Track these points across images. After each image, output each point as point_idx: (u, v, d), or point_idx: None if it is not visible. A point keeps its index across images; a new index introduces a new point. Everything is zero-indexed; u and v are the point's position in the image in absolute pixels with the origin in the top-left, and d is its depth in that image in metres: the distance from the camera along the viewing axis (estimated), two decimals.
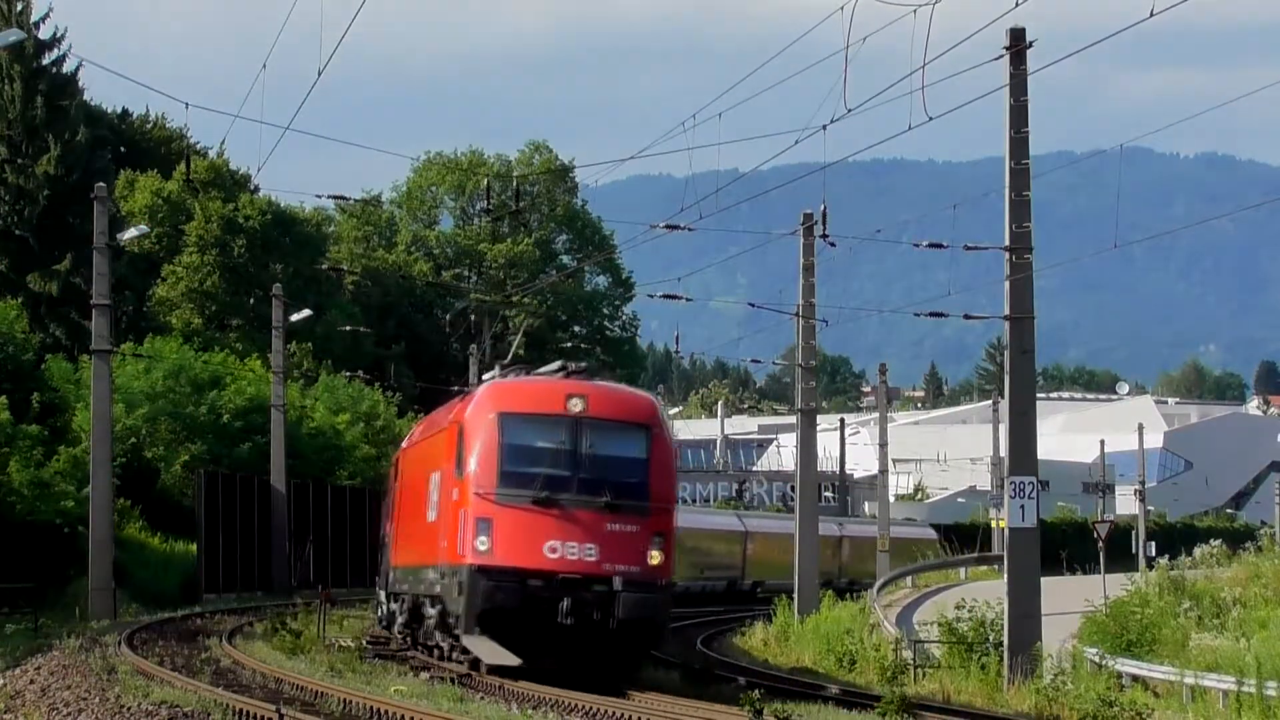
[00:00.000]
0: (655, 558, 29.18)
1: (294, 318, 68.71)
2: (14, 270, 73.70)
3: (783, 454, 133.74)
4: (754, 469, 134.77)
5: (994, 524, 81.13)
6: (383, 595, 44.49)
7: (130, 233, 55.16)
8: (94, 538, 46.80)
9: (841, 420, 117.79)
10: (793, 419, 56.05)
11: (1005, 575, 35.52)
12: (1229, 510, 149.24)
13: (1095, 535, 54.44)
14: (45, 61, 77.31)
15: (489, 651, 29.10)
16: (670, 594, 29.96)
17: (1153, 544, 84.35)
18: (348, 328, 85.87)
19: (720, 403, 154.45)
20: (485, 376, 34.94)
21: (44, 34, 77.16)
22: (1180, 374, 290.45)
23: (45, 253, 73.95)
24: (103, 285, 47.66)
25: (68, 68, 78.23)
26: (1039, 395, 39.64)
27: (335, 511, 70.09)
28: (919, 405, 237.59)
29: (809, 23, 31.95)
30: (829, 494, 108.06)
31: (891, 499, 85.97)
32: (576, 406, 29.54)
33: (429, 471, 33.30)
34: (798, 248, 51.87)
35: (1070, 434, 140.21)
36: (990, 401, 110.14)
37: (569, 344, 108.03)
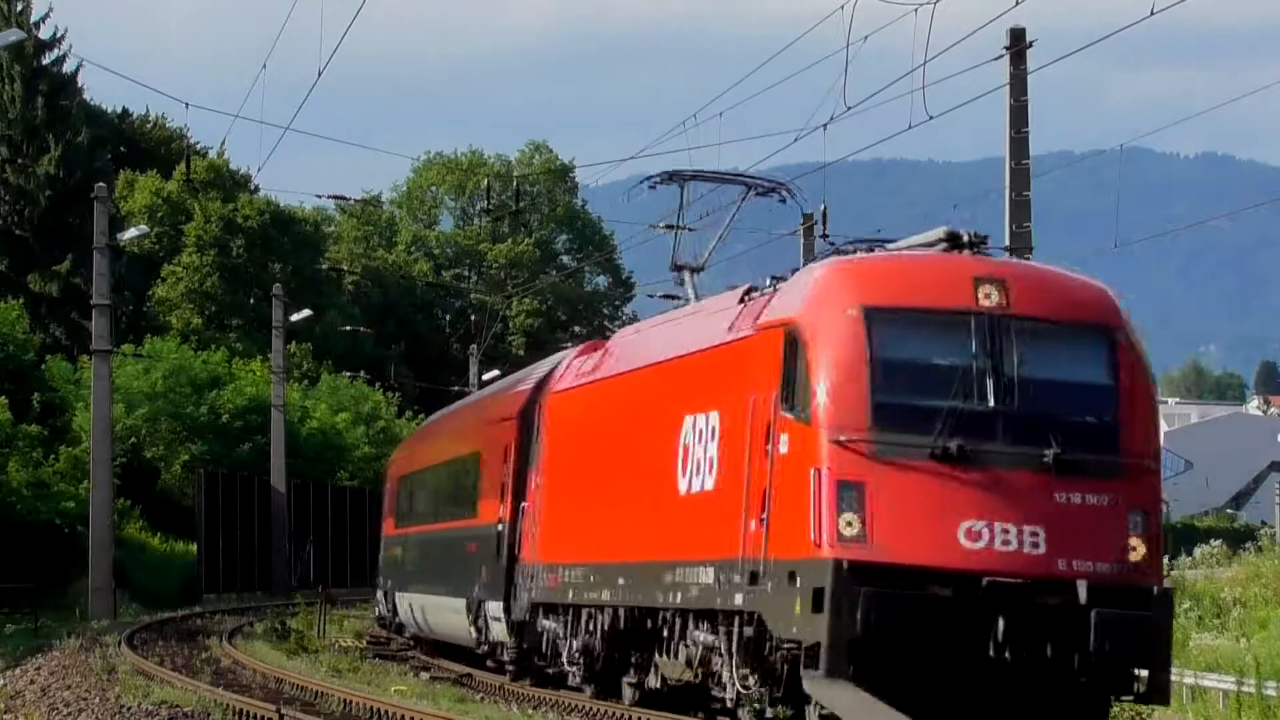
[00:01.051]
0: (1138, 549, 18.28)
1: (294, 318, 68.73)
2: (14, 270, 73.73)
3: None
4: None
5: None
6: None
7: (130, 233, 55.23)
8: (94, 538, 46.79)
9: None
10: None
11: None
12: (1229, 510, 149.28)
13: None
14: (45, 61, 77.34)
15: (858, 708, 17.66)
16: (1167, 610, 18.59)
17: None
18: (348, 328, 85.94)
19: None
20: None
21: (44, 34, 77.18)
22: (1180, 374, 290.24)
23: (45, 253, 73.96)
24: (103, 285, 47.64)
25: (68, 68, 78.40)
26: None
27: (335, 511, 70.14)
28: None
29: (809, 22, 31.99)
30: None
31: None
32: (991, 297, 18.66)
33: (680, 412, 21.77)
34: (798, 248, 51.88)
35: None
36: None
37: (569, 344, 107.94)
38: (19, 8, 75.04)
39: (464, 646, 33.09)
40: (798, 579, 18.11)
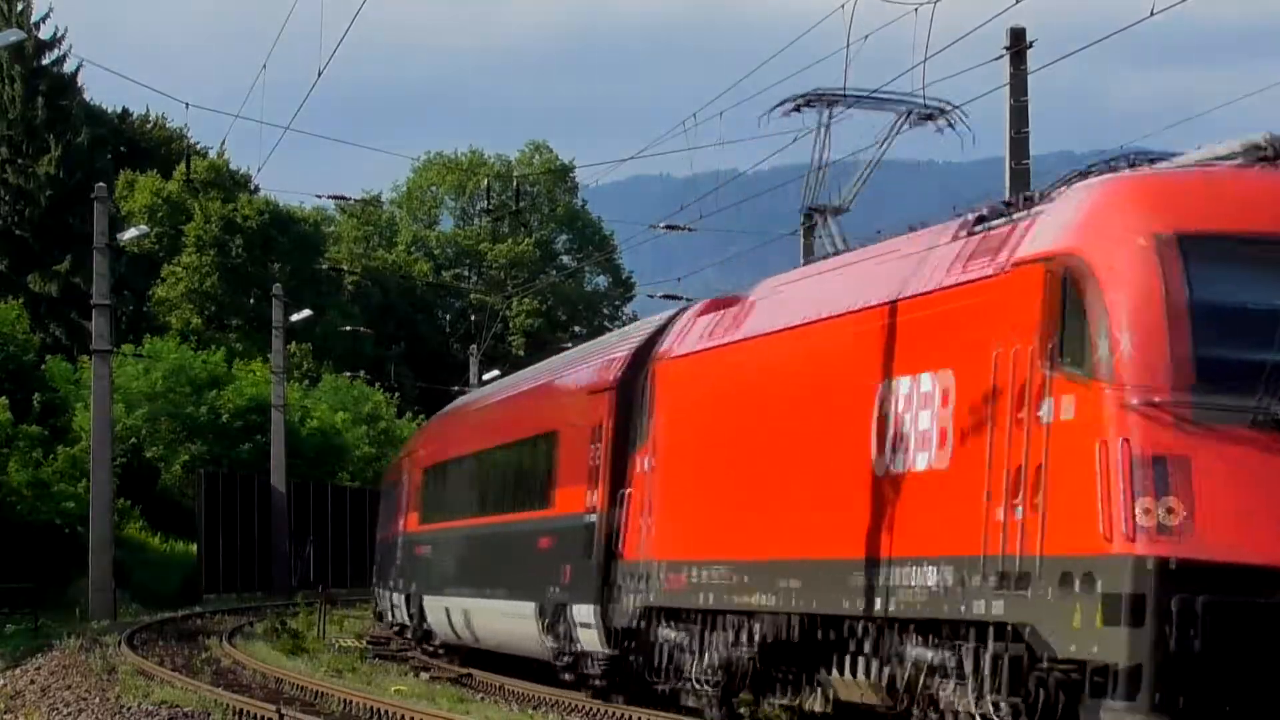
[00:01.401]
0: None
1: (294, 318, 68.77)
2: (14, 270, 73.79)
3: None
4: None
5: None
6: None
7: (130, 233, 55.28)
8: (94, 538, 46.79)
9: None
10: None
11: None
12: None
13: None
14: (45, 61, 77.42)
15: None
16: None
17: None
18: (348, 328, 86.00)
19: None
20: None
21: (44, 34, 77.27)
22: None
23: (45, 253, 74.02)
24: (103, 285, 47.66)
25: (68, 68, 78.50)
26: None
27: (335, 511, 70.18)
28: None
29: (809, 22, 31.99)
30: None
31: None
32: None
33: (876, 373, 17.57)
34: (798, 248, 51.86)
35: None
36: None
37: (569, 344, 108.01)
38: (19, 8, 75.10)
39: (533, 658, 28.93)
40: (1095, 582, 14.00)
